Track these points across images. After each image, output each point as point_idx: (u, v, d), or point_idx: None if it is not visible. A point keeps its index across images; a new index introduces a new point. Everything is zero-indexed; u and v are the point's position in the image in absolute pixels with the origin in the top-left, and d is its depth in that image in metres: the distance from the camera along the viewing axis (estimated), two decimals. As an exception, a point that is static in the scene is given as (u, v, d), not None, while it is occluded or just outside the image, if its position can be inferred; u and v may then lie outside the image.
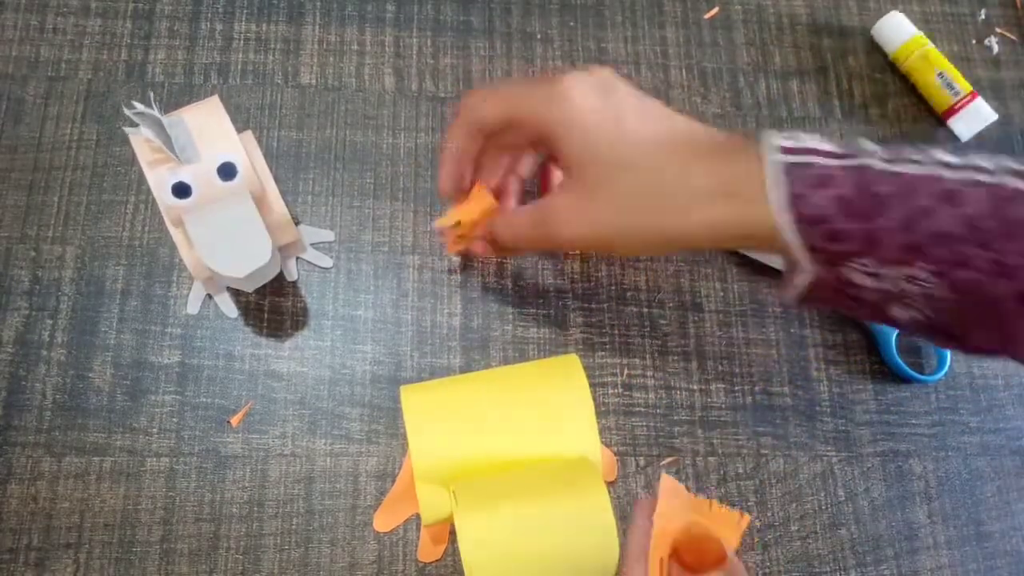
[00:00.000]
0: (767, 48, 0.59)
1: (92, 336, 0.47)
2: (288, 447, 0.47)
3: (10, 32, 0.53)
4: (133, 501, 0.45)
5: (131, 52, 0.53)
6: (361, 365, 0.49)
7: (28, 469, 0.45)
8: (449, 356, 0.49)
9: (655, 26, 0.58)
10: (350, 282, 0.50)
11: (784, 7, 0.60)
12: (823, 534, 0.49)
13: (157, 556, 0.44)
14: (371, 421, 0.48)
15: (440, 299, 0.50)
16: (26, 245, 0.49)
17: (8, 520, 0.44)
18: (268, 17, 0.55)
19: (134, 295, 0.48)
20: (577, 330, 0.51)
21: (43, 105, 0.51)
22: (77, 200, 0.50)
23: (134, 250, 0.49)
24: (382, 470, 0.47)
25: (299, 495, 0.46)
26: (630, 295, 0.52)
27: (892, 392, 0.52)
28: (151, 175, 0.42)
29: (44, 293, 0.48)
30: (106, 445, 0.46)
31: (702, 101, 0.57)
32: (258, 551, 0.45)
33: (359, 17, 0.56)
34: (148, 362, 0.47)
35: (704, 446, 0.49)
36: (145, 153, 0.42)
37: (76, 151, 0.51)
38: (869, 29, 0.60)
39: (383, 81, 0.54)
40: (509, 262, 0.52)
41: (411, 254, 0.51)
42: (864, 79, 0.59)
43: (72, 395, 0.46)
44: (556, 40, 0.57)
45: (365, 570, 0.45)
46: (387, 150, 0.53)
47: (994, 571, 0.50)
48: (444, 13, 0.57)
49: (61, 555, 0.44)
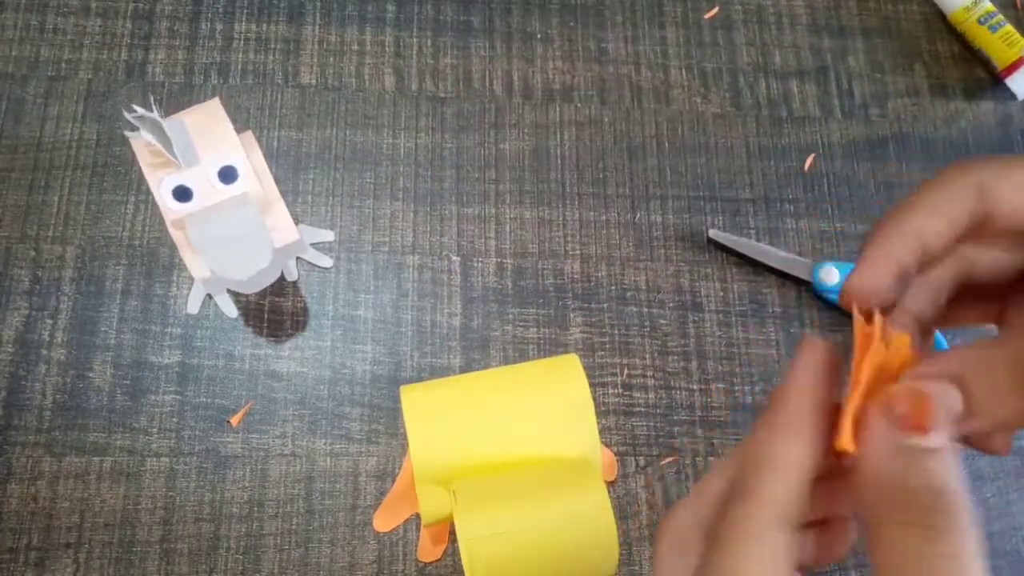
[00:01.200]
0: (767, 48, 0.59)
1: (92, 336, 0.47)
2: (288, 447, 0.47)
3: (10, 32, 0.53)
4: (133, 501, 0.45)
5: (131, 52, 0.53)
6: (361, 365, 0.49)
7: (28, 469, 0.45)
8: (449, 356, 0.49)
9: (655, 26, 0.58)
10: (350, 282, 0.50)
11: (784, 7, 0.60)
12: (823, 534, 0.49)
13: (157, 556, 0.44)
14: (371, 421, 0.48)
15: (440, 299, 0.50)
16: (26, 245, 0.49)
17: (8, 520, 0.44)
18: (268, 17, 0.55)
19: (134, 295, 0.48)
20: (577, 330, 0.51)
21: (43, 105, 0.51)
22: (77, 200, 0.50)
23: (134, 250, 0.49)
24: (382, 470, 0.47)
25: (299, 495, 0.46)
26: (630, 295, 0.52)
27: (892, 392, 0.52)
28: (152, 179, 0.42)
29: (44, 293, 0.48)
30: (106, 445, 0.46)
31: (702, 101, 0.57)
32: (258, 551, 0.45)
33: (359, 17, 0.56)
34: (148, 362, 0.47)
35: (704, 446, 0.49)
36: (145, 157, 0.42)
37: (76, 151, 0.51)
38: (869, 29, 0.60)
39: (383, 81, 0.54)
40: (509, 262, 0.52)
41: (411, 254, 0.51)
42: (864, 79, 0.59)
43: (72, 395, 0.46)
44: (556, 40, 0.57)
45: (365, 570, 0.45)
46: (387, 150, 0.53)
47: (994, 571, 0.49)
48: (444, 13, 0.57)
49: (61, 555, 0.44)
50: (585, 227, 0.53)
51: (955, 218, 0.22)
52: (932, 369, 0.20)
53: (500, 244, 0.52)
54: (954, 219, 0.22)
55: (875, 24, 0.61)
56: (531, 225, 0.53)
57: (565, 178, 0.54)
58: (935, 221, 0.22)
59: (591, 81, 0.56)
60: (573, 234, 0.53)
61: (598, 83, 0.56)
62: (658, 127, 0.56)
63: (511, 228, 0.52)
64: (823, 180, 0.56)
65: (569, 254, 0.52)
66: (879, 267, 0.22)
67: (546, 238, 0.52)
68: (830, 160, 0.56)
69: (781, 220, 0.54)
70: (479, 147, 0.54)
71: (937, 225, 0.22)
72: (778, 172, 0.56)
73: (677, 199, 0.54)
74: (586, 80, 0.56)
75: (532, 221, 0.53)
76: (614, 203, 0.54)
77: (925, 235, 0.22)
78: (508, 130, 0.55)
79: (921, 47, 0.61)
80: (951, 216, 0.22)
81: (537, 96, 0.56)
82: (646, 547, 0.46)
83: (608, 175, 0.54)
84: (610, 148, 0.55)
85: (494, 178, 0.53)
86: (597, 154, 0.55)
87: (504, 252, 0.52)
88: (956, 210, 0.22)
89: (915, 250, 0.22)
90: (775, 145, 0.56)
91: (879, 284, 0.22)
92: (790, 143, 0.56)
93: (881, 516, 0.19)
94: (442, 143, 0.54)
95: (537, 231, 0.52)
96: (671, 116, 0.56)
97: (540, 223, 0.53)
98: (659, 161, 0.55)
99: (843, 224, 0.55)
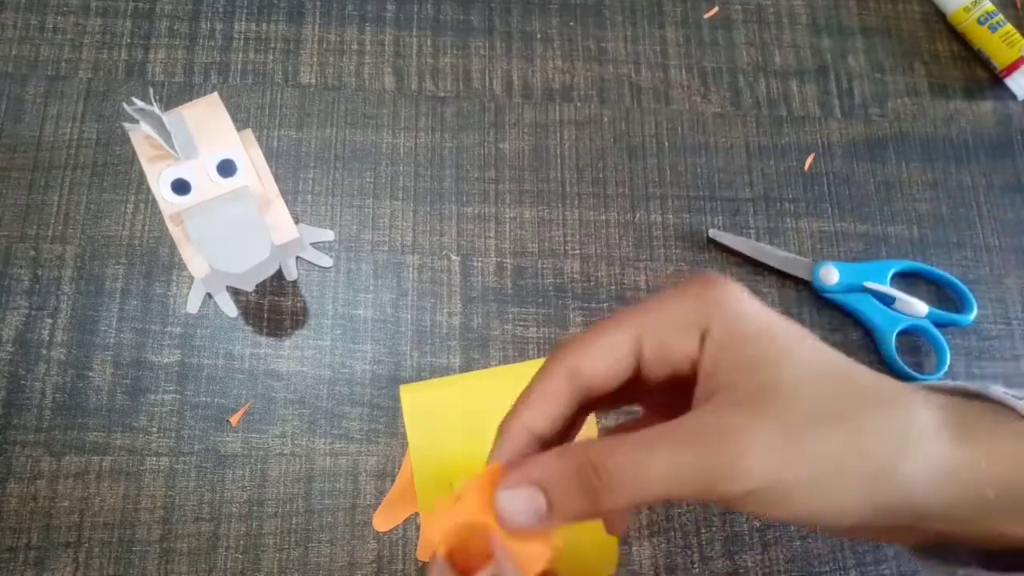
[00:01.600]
0: (767, 48, 0.59)
1: (92, 335, 0.47)
2: (288, 446, 0.47)
3: (10, 31, 0.53)
4: (133, 500, 0.45)
5: (131, 51, 0.53)
6: (361, 364, 0.49)
7: (28, 468, 0.45)
8: (449, 356, 0.49)
9: (655, 26, 0.58)
10: (350, 282, 0.50)
11: (784, 7, 0.60)
12: (823, 534, 0.49)
13: (157, 555, 0.44)
14: (371, 421, 0.48)
15: (440, 299, 0.50)
16: (26, 244, 0.49)
17: (8, 519, 0.44)
18: (268, 17, 0.55)
19: (134, 294, 0.48)
20: (577, 330, 0.51)
21: (43, 104, 0.51)
22: (77, 200, 0.50)
23: (134, 249, 0.49)
24: (382, 470, 0.47)
25: (299, 494, 0.46)
26: (630, 295, 0.52)
27: (892, 392, 0.52)
28: (150, 171, 0.42)
29: (44, 292, 0.48)
30: (106, 444, 0.46)
31: (702, 101, 0.57)
32: (258, 550, 0.45)
33: (359, 17, 0.56)
34: (148, 361, 0.47)
35: (704, 446, 0.49)
36: (144, 149, 0.42)
37: (76, 150, 0.51)
38: (869, 29, 0.60)
39: (383, 81, 0.54)
40: (509, 261, 0.52)
41: (411, 254, 0.51)
42: (864, 79, 0.59)
43: (72, 394, 0.46)
44: (556, 40, 0.57)
45: (365, 569, 0.45)
46: (387, 150, 0.53)
47: (994, 571, 0.49)
48: (444, 13, 0.57)
49: (61, 554, 0.44)
50: (585, 227, 0.53)
51: (556, 407, 0.27)
52: (517, 477, 0.24)
53: (500, 244, 0.52)
54: (556, 408, 0.27)
55: (875, 24, 0.61)
56: (531, 225, 0.53)
57: (565, 178, 0.54)
58: (539, 415, 0.27)
59: (591, 81, 0.56)
60: (573, 234, 0.53)
61: (598, 83, 0.56)
62: (658, 127, 0.56)
63: (511, 228, 0.52)
64: (823, 180, 0.56)
65: (569, 254, 0.52)
66: (512, 465, 0.25)
67: (546, 238, 0.52)
68: (830, 160, 0.56)
69: (781, 220, 0.54)
70: (479, 146, 0.54)
71: (542, 418, 0.27)
72: (778, 172, 0.56)
73: (677, 199, 0.54)
74: (586, 80, 0.56)
75: (532, 221, 0.53)
76: (614, 203, 0.54)
77: (535, 428, 0.27)
78: (508, 130, 0.55)
79: (921, 47, 0.61)
80: (553, 408, 0.27)
81: (537, 96, 0.56)
82: (646, 547, 0.46)
83: (608, 175, 0.54)
84: (610, 148, 0.55)
85: (494, 178, 0.53)
86: (597, 154, 0.55)
87: (504, 252, 0.52)
88: (555, 400, 0.26)
89: (530, 441, 0.26)
90: (775, 145, 0.56)
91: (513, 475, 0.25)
92: (790, 143, 0.56)
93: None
94: (442, 142, 0.54)
95: (537, 231, 0.52)
96: (671, 116, 0.56)
97: (540, 223, 0.53)
98: (659, 161, 0.55)
99: (843, 224, 0.55)
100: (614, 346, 0.26)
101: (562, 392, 0.26)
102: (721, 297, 0.26)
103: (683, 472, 0.23)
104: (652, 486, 0.23)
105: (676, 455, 0.23)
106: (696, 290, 0.26)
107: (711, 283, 0.26)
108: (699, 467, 0.23)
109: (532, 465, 0.25)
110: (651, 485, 0.23)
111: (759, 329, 0.25)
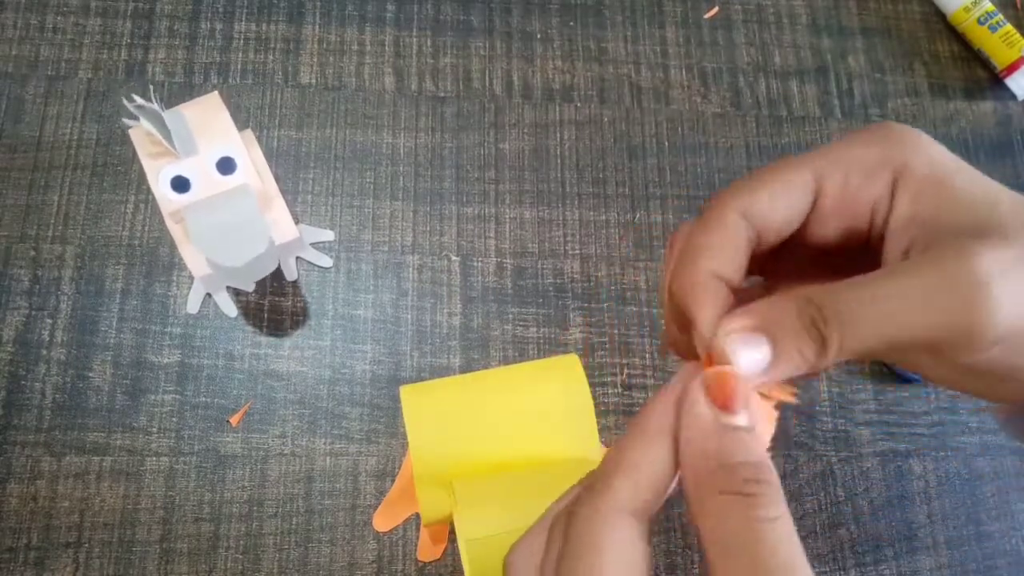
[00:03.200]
0: (767, 48, 0.59)
1: (92, 336, 0.47)
2: (288, 447, 0.47)
3: (10, 32, 0.53)
4: (133, 500, 0.45)
5: (131, 52, 0.53)
6: (361, 365, 0.49)
7: (28, 468, 0.45)
8: (449, 356, 0.49)
9: (655, 26, 0.58)
10: (350, 282, 0.50)
11: (784, 7, 0.60)
12: (823, 534, 0.49)
13: (157, 555, 0.44)
14: (371, 421, 0.48)
15: (440, 299, 0.50)
16: (26, 245, 0.49)
17: (8, 519, 0.44)
18: (268, 17, 0.55)
19: (134, 295, 0.48)
20: (577, 330, 0.51)
21: (43, 105, 0.51)
22: (77, 200, 0.50)
23: (134, 249, 0.49)
24: (382, 470, 0.47)
25: (299, 495, 0.46)
26: (630, 295, 0.52)
27: (892, 392, 0.52)
28: (150, 169, 0.42)
29: (44, 293, 0.48)
30: (106, 445, 0.46)
31: (702, 101, 0.57)
32: (258, 551, 0.45)
33: (359, 17, 0.56)
34: (148, 361, 0.47)
35: (704, 446, 0.49)
36: (144, 147, 0.42)
37: (76, 151, 0.51)
38: (869, 29, 0.60)
39: (383, 81, 0.54)
40: (509, 261, 0.52)
41: (411, 254, 0.51)
42: (864, 79, 0.59)
43: (72, 395, 0.46)
44: (556, 40, 0.57)
45: (365, 570, 0.45)
46: (387, 150, 0.53)
47: (993, 571, 0.50)
48: (444, 13, 0.57)
49: (61, 554, 0.44)
50: (585, 227, 0.53)
51: (738, 254, 0.23)
52: (741, 321, 0.21)
53: (500, 244, 0.52)
54: (738, 254, 0.23)
55: (875, 24, 0.61)
56: (531, 225, 0.53)
57: (565, 178, 0.54)
58: (724, 261, 0.23)
59: (591, 81, 0.56)
60: (573, 234, 0.53)
61: (598, 83, 0.56)
62: (658, 127, 0.56)
63: (511, 228, 0.52)
64: (823, 180, 0.56)
65: (569, 254, 0.52)
66: (713, 318, 0.22)
67: (546, 238, 0.52)
68: (830, 160, 0.56)
69: (781, 220, 0.54)
70: (479, 147, 0.54)
71: (729, 265, 0.23)
72: (778, 172, 0.56)
73: (677, 199, 0.54)
74: (586, 80, 0.56)
75: (532, 221, 0.53)
76: (614, 203, 0.54)
77: (724, 275, 0.23)
78: (508, 130, 0.55)
79: (921, 47, 0.61)
80: (734, 254, 0.23)
81: (537, 96, 0.56)
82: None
83: (608, 175, 0.54)
84: (610, 148, 0.55)
85: (494, 178, 0.53)
86: (597, 154, 0.55)
87: (504, 252, 0.52)
88: (734, 244, 0.23)
89: (726, 292, 0.23)
90: (775, 145, 0.56)
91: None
92: (790, 143, 0.56)
93: (705, 490, 0.20)
94: (442, 143, 0.54)
95: (537, 231, 0.52)
96: (671, 116, 0.56)
97: (540, 223, 0.53)
98: (659, 161, 0.55)
99: (843, 224, 0.55)
100: (790, 186, 0.23)
101: (741, 234, 0.23)
102: (912, 139, 0.23)
103: (927, 310, 0.20)
104: (886, 328, 0.20)
105: (920, 289, 0.20)
106: (883, 132, 0.23)
107: (896, 127, 0.23)
108: (944, 307, 0.19)
109: (750, 310, 0.21)
110: (885, 327, 0.20)
111: (960, 167, 0.23)
